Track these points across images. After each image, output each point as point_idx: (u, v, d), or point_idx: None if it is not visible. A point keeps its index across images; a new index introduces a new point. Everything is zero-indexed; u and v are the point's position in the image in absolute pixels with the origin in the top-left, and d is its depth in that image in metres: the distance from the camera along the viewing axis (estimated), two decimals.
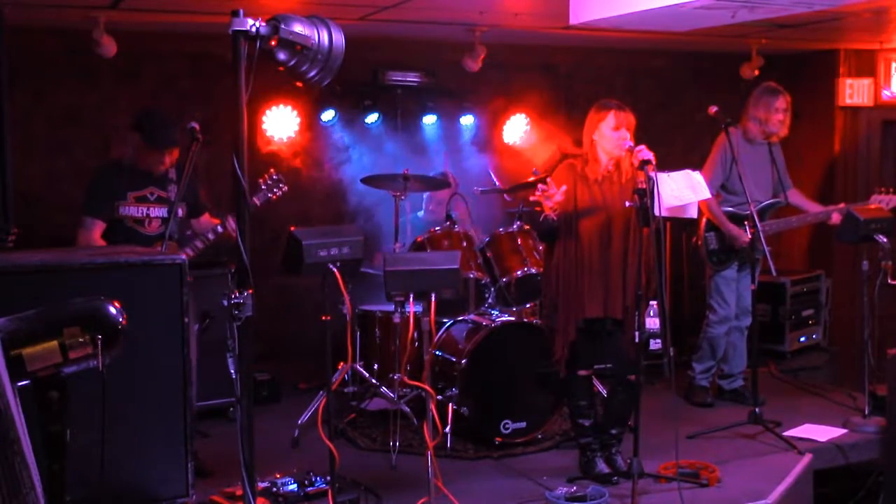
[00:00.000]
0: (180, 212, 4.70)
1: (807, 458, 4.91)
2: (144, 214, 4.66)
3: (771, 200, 5.84)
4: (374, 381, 5.39)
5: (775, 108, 5.72)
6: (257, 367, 5.74)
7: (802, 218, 5.96)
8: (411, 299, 4.31)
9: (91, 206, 4.61)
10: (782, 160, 5.95)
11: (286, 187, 5.04)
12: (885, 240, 5.34)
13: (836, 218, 5.71)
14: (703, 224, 5.83)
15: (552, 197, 4.29)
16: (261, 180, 4.92)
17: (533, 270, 5.45)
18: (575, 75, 7.53)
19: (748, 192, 5.25)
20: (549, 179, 4.39)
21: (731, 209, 5.76)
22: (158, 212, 4.68)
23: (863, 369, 5.55)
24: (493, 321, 5.22)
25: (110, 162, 4.84)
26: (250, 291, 2.66)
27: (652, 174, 4.19)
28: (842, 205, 5.82)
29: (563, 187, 4.37)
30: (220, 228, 4.74)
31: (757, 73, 7.40)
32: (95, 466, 2.58)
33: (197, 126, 4.57)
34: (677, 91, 7.89)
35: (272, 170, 5.04)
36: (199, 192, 4.92)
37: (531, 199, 4.41)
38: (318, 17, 2.76)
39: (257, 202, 4.89)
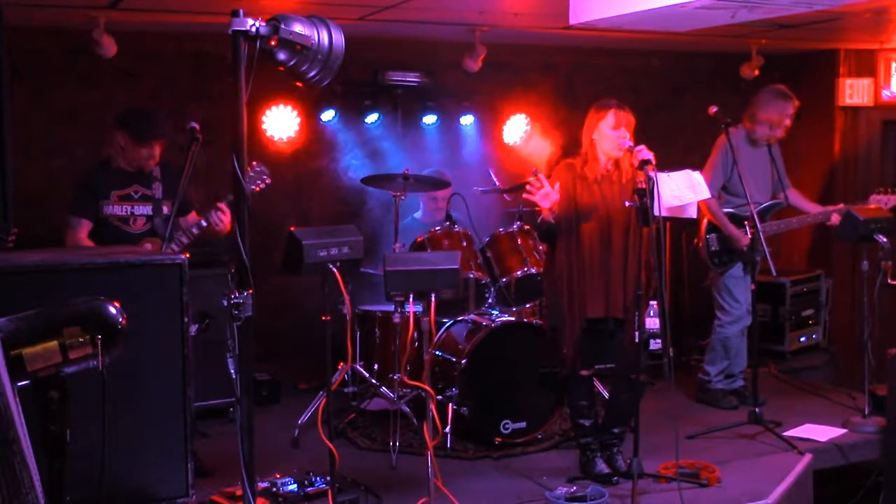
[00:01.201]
0: (166, 209, 4.76)
1: (807, 458, 4.91)
2: (129, 213, 4.70)
3: (772, 202, 5.84)
4: (374, 381, 5.39)
5: (787, 114, 5.73)
6: (257, 367, 5.74)
7: (802, 219, 5.97)
8: (411, 299, 4.31)
9: (76, 206, 4.68)
10: (781, 160, 5.95)
11: (270, 179, 5.03)
12: (885, 240, 5.35)
13: (835, 219, 5.71)
14: (703, 225, 5.82)
15: (547, 195, 4.30)
16: None
17: (533, 270, 5.45)
18: (575, 75, 7.53)
19: (749, 193, 5.25)
20: (538, 173, 4.39)
21: (731, 210, 5.76)
22: (143, 209, 4.74)
23: (863, 369, 5.56)
24: (493, 321, 5.22)
25: (98, 163, 4.87)
26: (250, 291, 2.67)
27: (652, 174, 4.20)
28: (841, 205, 5.82)
29: (557, 184, 4.38)
30: (203, 223, 4.75)
31: (757, 72, 7.40)
32: (95, 466, 2.58)
33: (197, 126, 4.58)
34: (677, 91, 7.88)
35: (255, 162, 5.03)
36: (185, 190, 4.95)
37: (524, 196, 4.42)
38: (318, 17, 2.76)
39: None
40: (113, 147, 4.74)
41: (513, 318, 5.32)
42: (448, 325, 5.38)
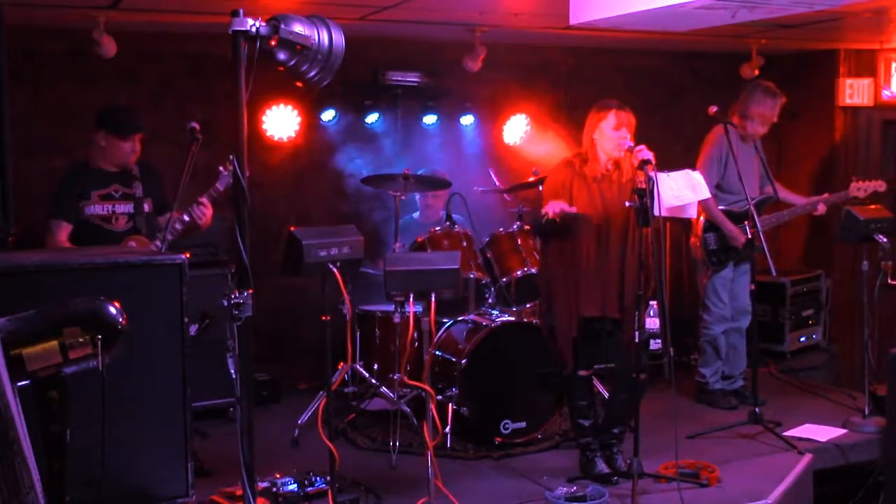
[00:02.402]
0: (147, 207, 4.82)
1: (807, 458, 4.91)
2: (110, 212, 4.75)
3: (763, 196, 5.86)
4: (374, 381, 5.39)
5: (776, 111, 5.80)
6: (257, 367, 5.73)
7: (792, 211, 6.01)
8: (411, 299, 4.31)
9: (55, 208, 4.72)
10: (763, 155, 6.00)
11: (248, 172, 5.03)
12: (885, 240, 5.36)
13: (821, 208, 5.84)
14: (700, 224, 5.83)
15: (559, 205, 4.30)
16: (222, 168, 4.91)
17: (533, 270, 5.45)
18: (575, 75, 7.52)
19: (738, 186, 5.29)
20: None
21: (724, 207, 5.77)
22: (124, 208, 4.79)
23: (863, 369, 5.56)
24: (493, 321, 5.22)
25: (75, 164, 4.89)
26: (250, 291, 2.67)
27: (652, 174, 4.20)
28: (826, 195, 5.93)
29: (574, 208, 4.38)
30: (185, 217, 4.78)
31: (757, 72, 7.40)
32: (95, 466, 2.58)
33: (197, 126, 4.59)
34: (677, 91, 7.88)
35: (231, 156, 5.02)
36: (161, 188, 4.97)
37: (543, 213, 4.39)
38: (318, 17, 2.76)
39: (220, 188, 4.88)
40: (92, 147, 4.78)
41: (513, 318, 5.32)
42: (448, 325, 5.38)
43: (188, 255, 3.46)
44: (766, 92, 5.80)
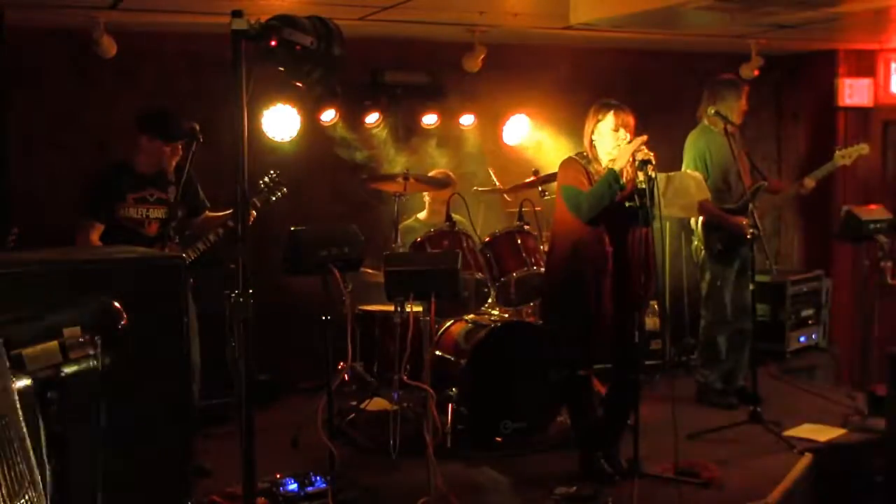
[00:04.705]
0: (180, 212, 4.75)
1: (807, 458, 4.91)
2: (144, 216, 4.69)
3: (756, 185, 5.85)
4: (374, 381, 5.39)
5: (744, 99, 5.78)
6: (258, 366, 5.73)
7: (784, 195, 6.03)
8: (411, 299, 4.31)
9: (90, 207, 4.65)
10: (744, 146, 6.02)
11: (286, 188, 5.05)
12: (885, 240, 5.36)
13: (808, 183, 5.82)
14: (702, 226, 5.81)
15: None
16: (261, 182, 4.93)
17: (534, 269, 5.44)
18: (575, 75, 7.52)
19: (736, 185, 5.30)
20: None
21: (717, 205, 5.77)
22: (157, 213, 4.72)
23: (863, 369, 5.55)
24: (493, 321, 5.22)
25: (111, 164, 4.85)
26: (250, 291, 2.67)
27: (652, 174, 4.20)
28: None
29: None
30: (230, 223, 4.73)
31: (757, 72, 7.40)
32: (95, 466, 2.58)
33: (197, 126, 4.59)
34: (677, 91, 7.87)
35: (272, 171, 5.04)
36: (198, 191, 4.93)
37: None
38: (318, 17, 2.76)
39: (258, 203, 4.90)
40: (132, 149, 4.73)
41: (513, 318, 5.32)
42: (448, 325, 5.37)
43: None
44: (730, 84, 5.79)
